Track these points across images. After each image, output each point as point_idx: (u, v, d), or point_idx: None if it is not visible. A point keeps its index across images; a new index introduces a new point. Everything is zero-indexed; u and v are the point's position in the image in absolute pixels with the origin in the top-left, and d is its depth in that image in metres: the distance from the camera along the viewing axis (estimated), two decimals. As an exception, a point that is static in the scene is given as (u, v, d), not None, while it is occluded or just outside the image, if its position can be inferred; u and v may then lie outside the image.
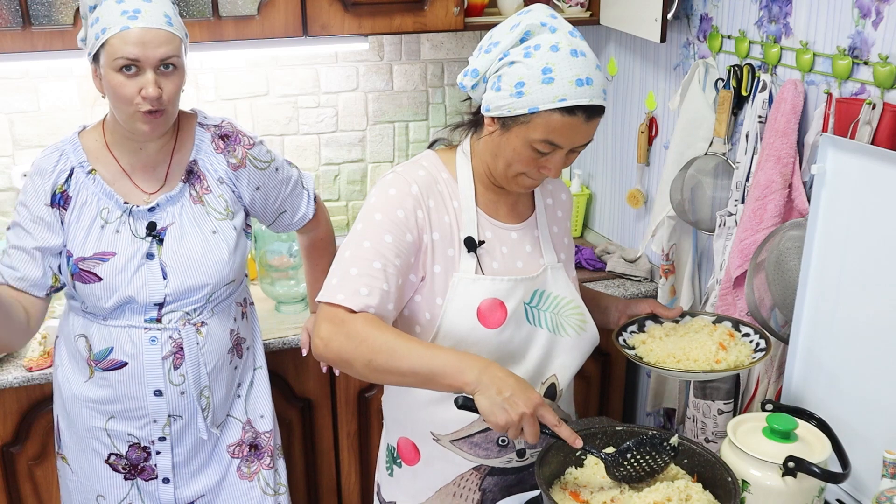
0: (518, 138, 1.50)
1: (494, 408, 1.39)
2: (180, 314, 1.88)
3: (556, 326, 1.64)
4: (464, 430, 1.63)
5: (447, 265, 1.58)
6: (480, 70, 1.51)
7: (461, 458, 1.66)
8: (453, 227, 1.59)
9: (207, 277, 1.88)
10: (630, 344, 1.76)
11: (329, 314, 1.49)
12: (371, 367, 1.46)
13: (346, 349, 1.46)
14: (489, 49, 1.51)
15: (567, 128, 1.47)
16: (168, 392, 1.89)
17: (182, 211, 1.88)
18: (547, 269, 1.65)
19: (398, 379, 1.48)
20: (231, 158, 1.92)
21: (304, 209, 2.08)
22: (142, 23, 1.72)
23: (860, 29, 1.87)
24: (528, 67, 1.45)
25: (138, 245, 1.85)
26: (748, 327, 1.79)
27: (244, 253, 1.97)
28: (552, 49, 1.46)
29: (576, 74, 1.45)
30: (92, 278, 1.83)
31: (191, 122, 1.93)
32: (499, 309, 1.58)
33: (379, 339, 1.45)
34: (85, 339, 1.90)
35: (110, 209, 1.85)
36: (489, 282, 1.58)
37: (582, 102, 1.45)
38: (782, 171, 2.01)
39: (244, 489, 2.04)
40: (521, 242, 1.65)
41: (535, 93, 1.45)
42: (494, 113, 1.51)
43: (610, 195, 3.02)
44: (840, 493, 1.70)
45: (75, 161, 1.85)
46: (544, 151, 1.50)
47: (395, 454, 1.74)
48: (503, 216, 1.65)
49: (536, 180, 1.57)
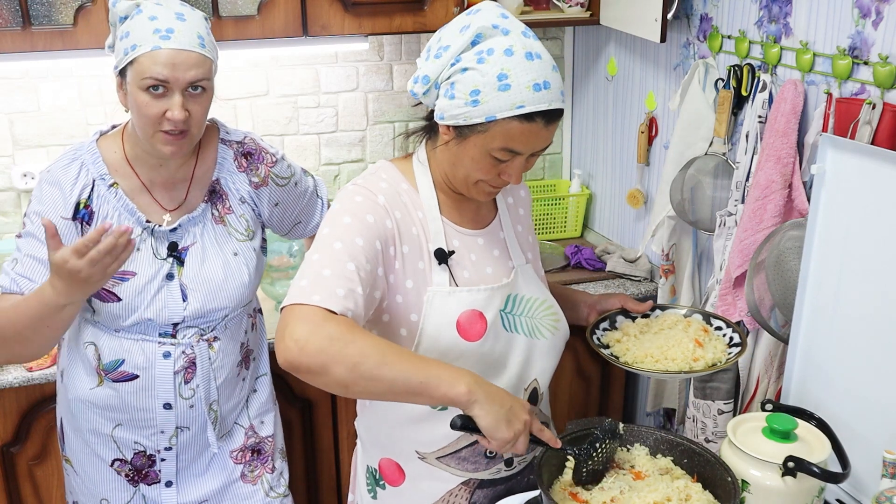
0: (476, 147, 1.45)
1: (499, 423, 1.34)
2: (195, 330, 1.86)
3: (532, 330, 1.61)
4: (450, 446, 1.59)
5: (419, 279, 1.51)
6: (431, 76, 1.45)
7: (449, 475, 1.61)
8: (421, 240, 1.53)
9: (228, 301, 1.86)
10: (605, 342, 1.74)
11: (304, 314, 1.34)
12: (356, 373, 1.31)
13: (328, 351, 1.30)
14: (439, 54, 1.45)
15: (526, 134, 1.42)
16: (177, 405, 1.87)
17: (204, 231, 1.85)
18: (517, 272, 1.61)
19: (383, 388, 1.34)
20: (254, 177, 1.90)
21: (317, 217, 2.07)
22: (174, 44, 1.67)
23: (860, 29, 1.87)
24: (482, 74, 1.40)
25: (159, 266, 1.81)
26: (719, 320, 1.79)
27: (261, 272, 1.95)
28: (506, 53, 1.40)
29: (532, 79, 1.40)
30: (111, 297, 1.79)
31: (213, 137, 1.89)
32: (478, 320, 1.53)
33: (368, 343, 1.32)
34: (94, 348, 1.86)
35: (132, 227, 1.75)
36: (465, 293, 1.53)
37: (540, 108, 1.40)
38: (782, 171, 2.01)
39: (247, 493, 2.03)
40: (488, 247, 1.60)
41: (492, 101, 1.39)
42: (449, 122, 1.45)
43: (610, 195, 3.02)
44: (840, 493, 1.70)
45: (96, 173, 1.79)
46: (503, 159, 1.45)
47: (377, 476, 1.68)
48: (468, 222, 1.60)
49: (497, 187, 1.53)
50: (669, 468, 1.58)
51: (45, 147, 2.68)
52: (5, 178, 2.68)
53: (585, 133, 3.13)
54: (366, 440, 1.70)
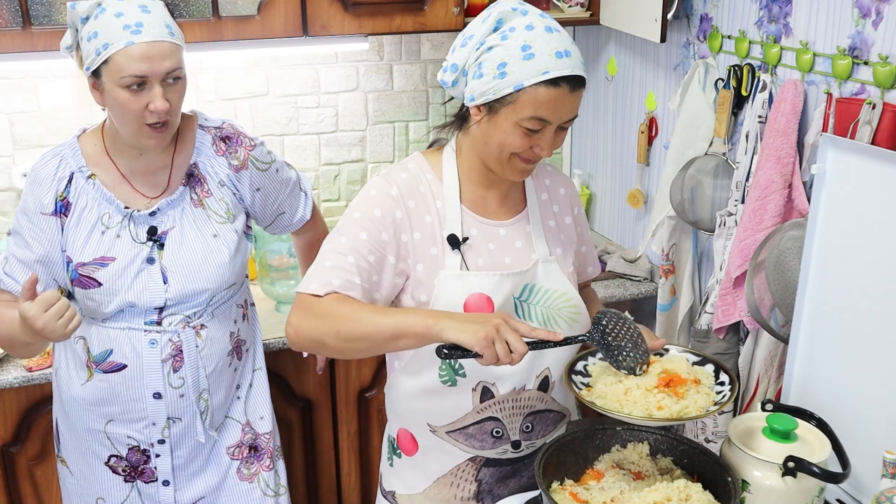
0: (507, 120, 1.51)
1: (465, 328, 1.39)
2: (180, 317, 1.87)
3: (547, 319, 1.65)
4: (459, 421, 1.66)
5: (431, 264, 1.60)
6: (459, 63, 1.54)
7: (457, 450, 1.69)
8: (435, 227, 1.61)
9: (208, 282, 1.88)
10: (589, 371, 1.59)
11: (299, 301, 1.56)
12: (340, 338, 1.49)
13: (316, 327, 1.51)
14: (465, 43, 1.54)
15: (553, 100, 1.49)
16: (167, 395, 1.88)
17: (183, 215, 1.87)
18: (538, 264, 1.65)
19: (367, 344, 1.50)
20: (233, 160, 1.92)
21: (302, 210, 2.08)
22: (146, 37, 1.69)
23: (860, 29, 1.87)
24: (506, 49, 1.48)
25: (138, 250, 1.84)
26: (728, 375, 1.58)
27: (245, 256, 1.97)
28: (528, 28, 1.49)
29: (554, 47, 1.48)
30: (92, 283, 1.83)
31: (191, 124, 1.92)
32: (486, 304, 1.59)
33: (345, 310, 1.50)
34: (84, 341, 1.89)
35: (111, 214, 1.84)
36: (474, 277, 1.59)
37: (564, 73, 1.47)
38: (782, 171, 2.01)
39: (244, 491, 2.03)
40: (510, 238, 1.65)
41: (518, 70, 1.47)
42: (480, 100, 1.52)
43: (610, 195, 3.02)
44: (840, 493, 1.70)
45: (74, 166, 1.83)
46: (534, 129, 1.51)
47: (395, 445, 1.77)
48: (491, 212, 1.66)
49: (531, 161, 1.57)
50: (669, 468, 1.58)
51: (45, 147, 2.67)
52: (5, 178, 2.68)
53: (585, 133, 3.13)
54: (389, 411, 1.79)
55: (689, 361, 1.61)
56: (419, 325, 1.44)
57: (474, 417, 1.65)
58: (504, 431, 1.66)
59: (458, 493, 1.72)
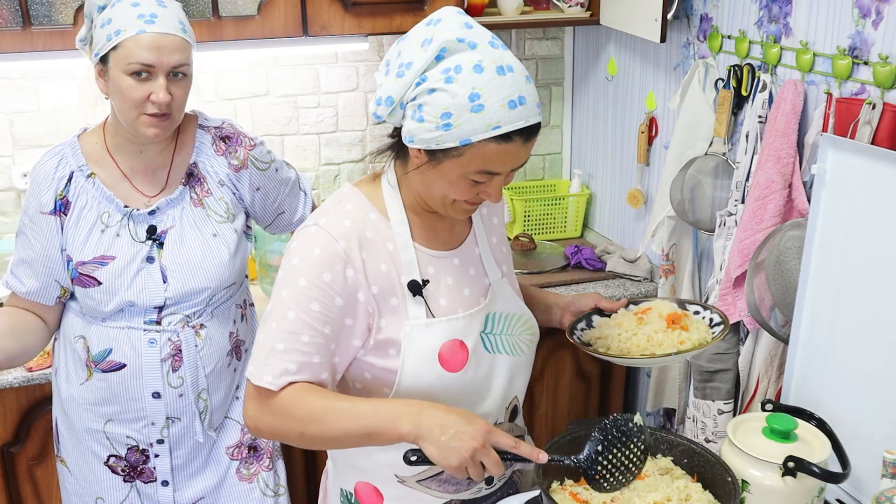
0: (451, 171, 1.36)
1: (443, 452, 1.29)
2: (180, 317, 1.88)
3: (513, 348, 1.56)
4: (430, 469, 1.52)
5: (393, 315, 1.45)
6: (395, 97, 1.34)
7: (430, 497, 1.55)
8: (392, 274, 1.45)
9: (207, 281, 1.88)
10: (586, 341, 1.67)
11: (252, 392, 1.42)
12: (305, 439, 1.38)
13: (276, 426, 1.39)
14: (401, 72, 1.34)
15: (504, 154, 1.34)
16: (166, 394, 1.88)
17: (182, 214, 1.87)
18: (493, 289, 1.55)
19: (336, 445, 1.42)
20: (233, 160, 1.92)
21: (301, 210, 2.08)
22: (158, 28, 1.71)
23: (860, 29, 1.87)
24: (452, 95, 1.30)
25: (138, 249, 1.85)
26: (695, 305, 1.70)
27: (244, 255, 1.97)
28: (476, 70, 1.30)
29: (507, 96, 1.30)
30: (91, 282, 1.83)
31: (191, 124, 1.92)
32: (460, 349, 1.47)
33: (305, 409, 1.36)
34: (83, 341, 1.89)
35: (110, 213, 1.84)
36: (444, 324, 1.46)
37: (518, 126, 1.32)
38: (782, 171, 2.01)
39: (243, 491, 2.03)
40: (464, 267, 1.53)
41: (465, 123, 1.30)
42: (420, 145, 1.36)
43: (610, 195, 3.02)
44: (840, 493, 1.70)
45: (74, 165, 1.84)
46: (481, 181, 1.38)
47: (352, 499, 1.62)
48: (442, 243, 1.52)
49: (475, 205, 1.46)
50: (669, 468, 1.58)
51: (45, 147, 2.66)
52: (5, 178, 2.68)
53: (585, 133, 3.13)
54: (339, 463, 1.63)
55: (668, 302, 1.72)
56: (393, 434, 1.31)
57: None
58: None
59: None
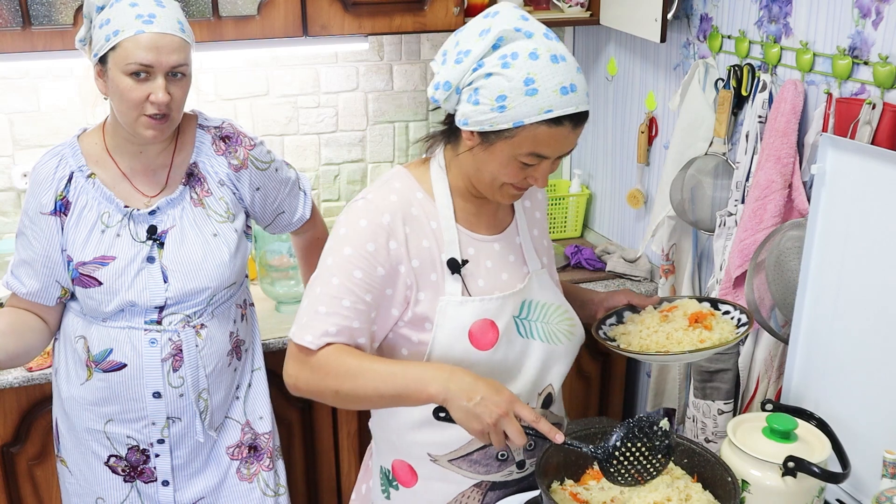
0: (502, 153, 1.44)
1: (468, 416, 1.36)
2: (180, 317, 1.87)
3: (549, 336, 1.60)
4: (462, 448, 1.59)
5: (432, 290, 1.52)
6: (453, 82, 1.42)
7: (461, 477, 1.61)
8: (433, 251, 1.52)
9: (208, 281, 1.88)
10: (611, 336, 1.72)
11: (294, 352, 1.51)
12: (340, 397, 1.47)
13: (313, 383, 1.48)
14: (459, 59, 1.42)
15: (554, 138, 1.43)
16: (167, 394, 1.88)
17: (183, 214, 1.87)
18: (532, 278, 1.61)
19: (369, 404, 1.50)
20: (233, 160, 1.92)
21: (301, 210, 2.08)
22: (157, 28, 1.71)
23: (860, 29, 1.87)
24: (508, 79, 1.38)
25: (138, 249, 1.84)
26: (726, 305, 1.73)
27: (245, 255, 1.97)
28: (531, 57, 1.38)
29: (559, 82, 1.39)
30: (92, 282, 1.83)
31: (191, 124, 1.92)
32: (490, 329, 1.53)
33: (342, 368, 1.44)
34: (84, 341, 1.89)
35: (111, 213, 1.84)
36: (478, 302, 1.53)
37: (568, 111, 1.40)
38: (782, 171, 2.01)
39: (244, 491, 2.03)
40: (504, 253, 1.60)
41: (519, 106, 1.38)
42: (474, 127, 1.43)
43: (610, 195, 3.02)
44: (840, 493, 1.70)
45: (74, 165, 1.84)
46: (531, 163, 1.45)
47: (390, 477, 1.68)
48: (484, 228, 1.59)
49: (522, 189, 1.52)
50: (669, 468, 1.58)
51: (44, 147, 2.67)
52: (5, 178, 2.68)
53: (585, 133, 3.13)
54: (379, 441, 1.70)
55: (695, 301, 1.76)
56: (422, 395, 1.40)
57: (478, 443, 1.57)
58: (509, 453, 1.61)
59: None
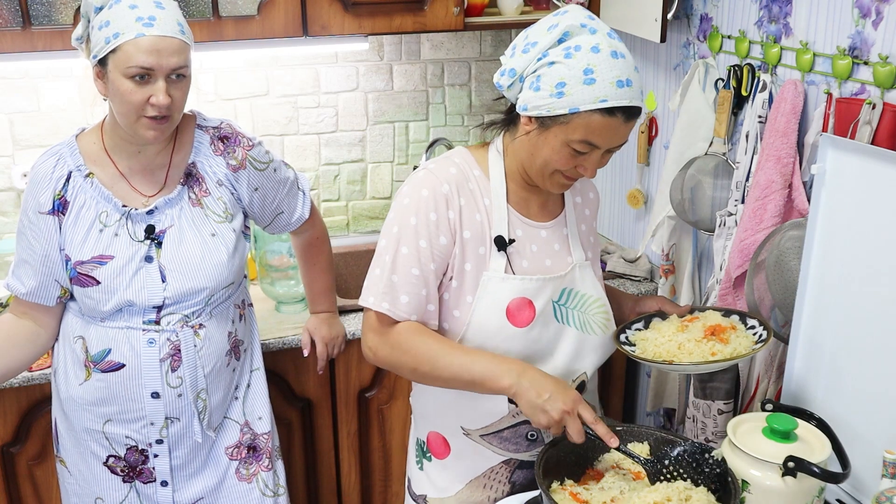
0: (556, 138, 1.51)
1: (535, 411, 1.47)
2: (179, 316, 1.87)
3: (583, 325, 1.67)
4: (493, 425, 1.66)
5: (477, 263, 1.61)
6: (518, 70, 1.52)
7: (491, 452, 1.69)
8: (484, 226, 1.61)
9: (206, 280, 1.88)
10: (632, 341, 1.76)
11: (374, 324, 1.61)
12: (417, 375, 1.59)
13: (392, 358, 1.59)
14: (526, 49, 1.52)
15: (606, 128, 1.49)
16: (165, 394, 1.88)
17: (181, 214, 1.88)
18: (575, 268, 1.68)
19: (442, 384, 1.59)
20: (231, 160, 1.92)
21: (300, 210, 2.08)
22: (157, 30, 1.71)
23: (860, 29, 1.87)
24: (569, 68, 1.47)
25: (136, 248, 1.85)
26: (755, 319, 1.77)
27: (243, 255, 1.97)
28: (593, 50, 1.47)
29: (616, 76, 1.47)
30: (90, 282, 1.83)
31: (190, 124, 1.92)
32: (527, 308, 1.60)
33: (421, 348, 1.55)
34: (82, 341, 1.89)
35: (109, 213, 1.84)
36: (518, 281, 1.60)
37: (622, 104, 1.48)
38: (782, 171, 2.01)
39: (243, 491, 2.03)
40: (550, 240, 1.67)
41: (576, 93, 1.47)
42: (532, 112, 1.52)
43: (610, 195, 3.02)
44: (840, 493, 1.70)
45: (72, 165, 1.84)
46: (582, 151, 1.52)
47: (424, 448, 1.78)
48: (534, 214, 1.67)
49: (572, 179, 1.59)
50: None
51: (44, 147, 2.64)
52: (5, 178, 2.68)
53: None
54: (417, 413, 1.81)
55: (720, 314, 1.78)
56: (495, 386, 1.51)
57: (509, 421, 1.66)
58: (539, 435, 1.68)
59: (491, 494, 1.72)
